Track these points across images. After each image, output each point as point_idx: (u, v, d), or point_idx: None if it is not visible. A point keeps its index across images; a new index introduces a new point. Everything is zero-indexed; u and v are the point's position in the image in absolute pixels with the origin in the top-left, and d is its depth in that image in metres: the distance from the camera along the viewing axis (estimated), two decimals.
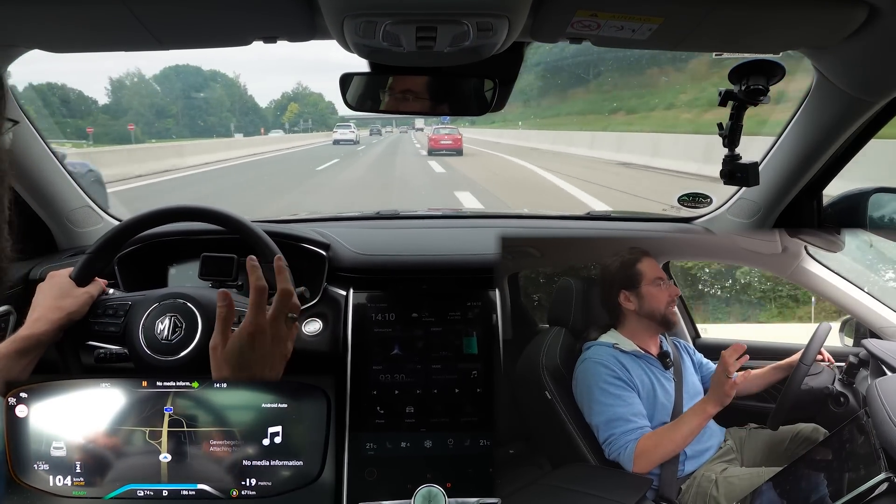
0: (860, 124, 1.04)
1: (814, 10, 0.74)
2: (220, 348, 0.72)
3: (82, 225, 1.27)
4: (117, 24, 0.74)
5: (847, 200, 1.23)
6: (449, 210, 1.75)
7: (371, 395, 0.99)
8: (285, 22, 0.77)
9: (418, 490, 0.93)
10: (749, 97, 0.93)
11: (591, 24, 0.75)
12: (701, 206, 1.36)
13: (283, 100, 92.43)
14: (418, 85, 0.95)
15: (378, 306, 1.04)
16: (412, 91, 0.95)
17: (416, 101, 0.95)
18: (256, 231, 0.94)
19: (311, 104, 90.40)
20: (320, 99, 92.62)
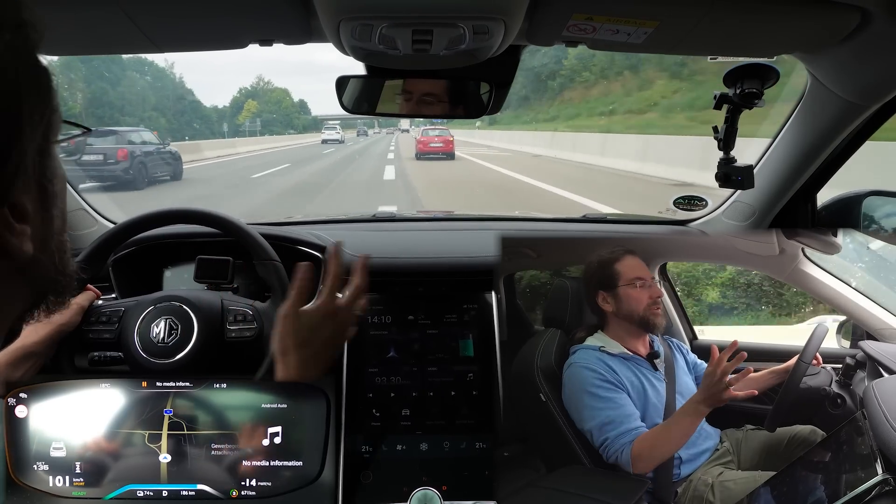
0: (854, 128, 1.05)
1: (807, 15, 0.74)
2: (291, 318, 0.72)
3: (77, 228, 1.26)
4: (113, 27, 0.75)
5: (841, 203, 1.23)
6: (445, 213, 1.76)
7: (367, 397, 0.98)
8: (281, 25, 0.78)
9: (414, 493, 0.92)
10: (744, 101, 0.94)
11: (586, 27, 0.76)
12: (696, 208, 1.37)
13: (241, 96, 74.03)
14: (414, 88, 0.95)
15: (374, 308, 1.04)
16: (408, 94, 0.95)
17: (412, 103, 0.95)
18: (252, 234, 0.94)
19: (274, 101, 73.53)
20: (284, 96, 75.52)
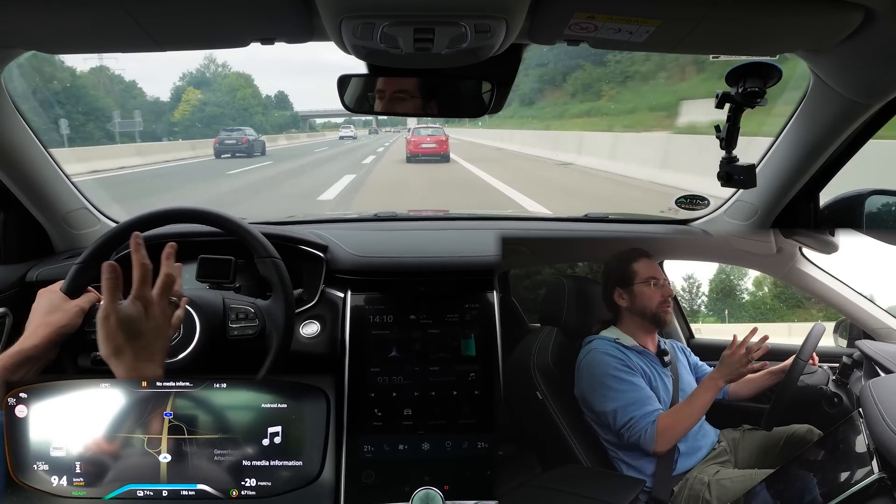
0: (857, 126, 1.05)
1: (810, 13, 0.74)
2: (112, 316, 0.74)
3: (79, 227, 1.26)
4: (114, 25, 0.74)
5: (843, 202, 1.23)
6: (447, 212, 1.75)
7: (369, 397, 0.99)
8: (283, 23, 0.77)
9: (416, 493, 0.93)
10: (746, 100, 0.94)
11: (588, 26, 0.75)
12: (698, 208, 1.36)
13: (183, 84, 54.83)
14: (416, 86, 0.95)
15: (376, 308, 1.04)
16: (410, 92, 0.95)
17: (414, 102, 0.95)
18: (253, 233, 0.94)
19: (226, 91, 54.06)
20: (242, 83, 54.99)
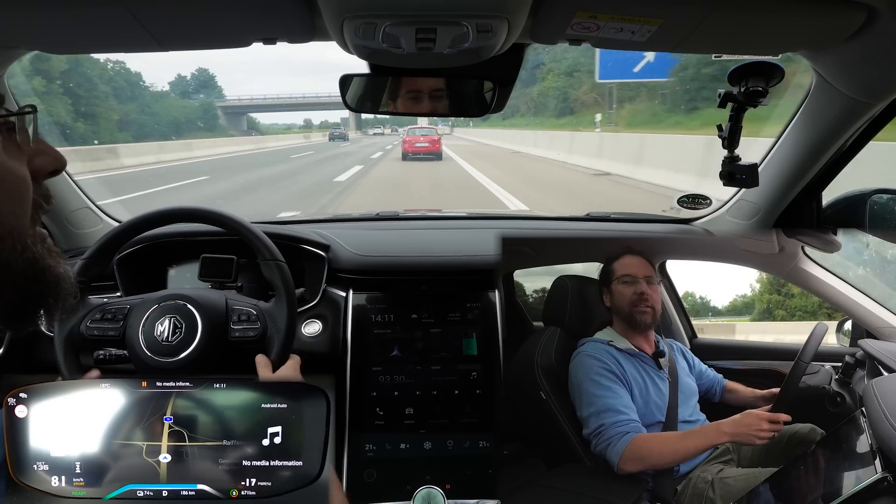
0: (859, 126, 1.04)
1: (813, 13, 0.74)
2: None
3: (82, 226, 1.26)
4: (117, 25, 0.74)
5: (846, 201, 1.23)
6: (448, 211, 1.75)
7: (370, 396, 0.99)
8: (285, 23, 0.77)
9: (418, 491, 0.93)
10: (748, 99, 0.93)
11: (590, 25, 0.75)
12: (700, 207, 1.36)
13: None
14: (418, 86, 0.94)
15: (377, 307, 1.04)
16: (411, 92, 0.95)
17: (416, 102, 0.95)
18: (255, 232, 0.94)
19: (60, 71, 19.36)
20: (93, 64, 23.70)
